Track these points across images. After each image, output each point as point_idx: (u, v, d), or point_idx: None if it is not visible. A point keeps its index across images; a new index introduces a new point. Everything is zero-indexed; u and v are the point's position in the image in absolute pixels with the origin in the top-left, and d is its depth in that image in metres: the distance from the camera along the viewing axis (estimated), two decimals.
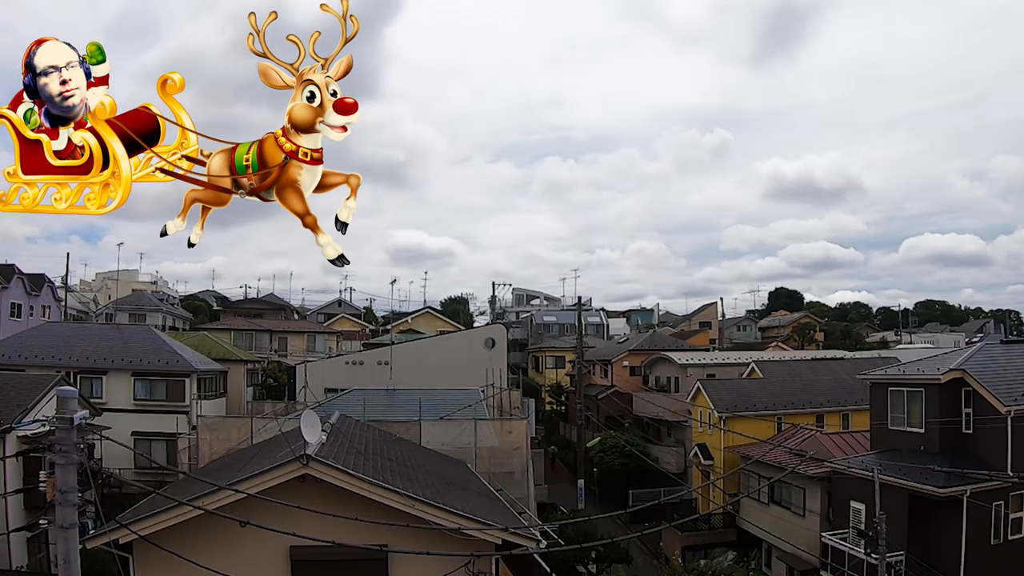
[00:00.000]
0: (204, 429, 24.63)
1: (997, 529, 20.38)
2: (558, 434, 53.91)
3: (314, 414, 14.41)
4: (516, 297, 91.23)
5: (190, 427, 29.89)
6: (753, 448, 29.71)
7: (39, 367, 30.24)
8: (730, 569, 25.61)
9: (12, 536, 20.19)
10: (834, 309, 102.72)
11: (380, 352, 40.70)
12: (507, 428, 24.92)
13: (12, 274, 44.98)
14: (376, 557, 12.32)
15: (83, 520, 9.33)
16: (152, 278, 77.75)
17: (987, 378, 21.62)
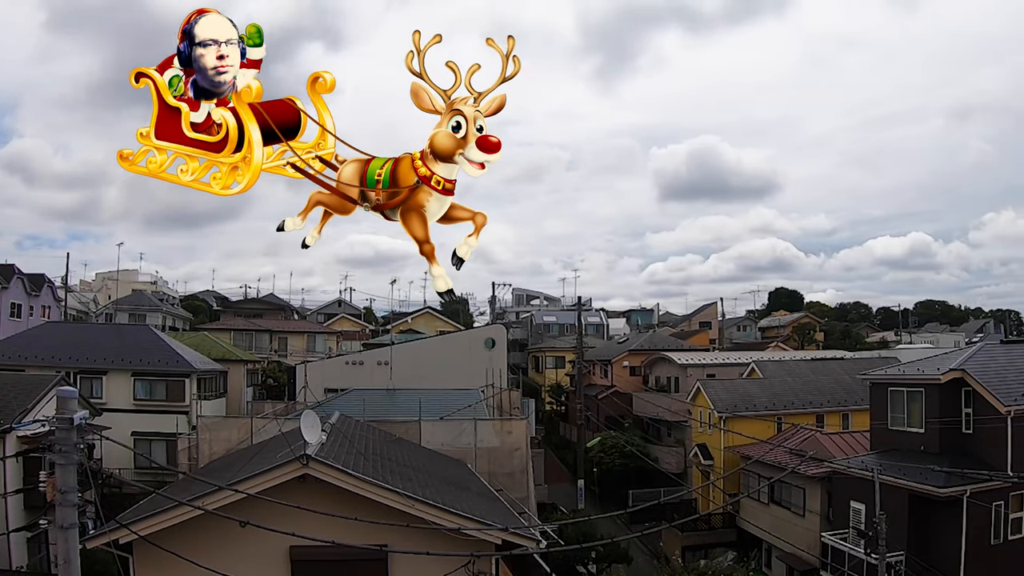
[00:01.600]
0: (204, 429, 24.61)
1: (997, 529, 20.39)
2: (558, 434, 53.92)
3: (314, 414, 14.41)
4: (516, 297, 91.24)
5: (190, 427, 29.87)
6: (753, 448, 29.70)
7: (39, 367, 30.24)
8: (730, 569, 25.61)
9: (12, 536, 20.19)
10: (834, 309, 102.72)
11: (380, 352, 40.67)
12: (507, 428, 24.91)
13: (12, 274, 44.96)
14: (376, 557, 12.32)
15: (83, 520, 9.33)
16: (152, 278, 77.76)
17: (987, 378, 21.63)
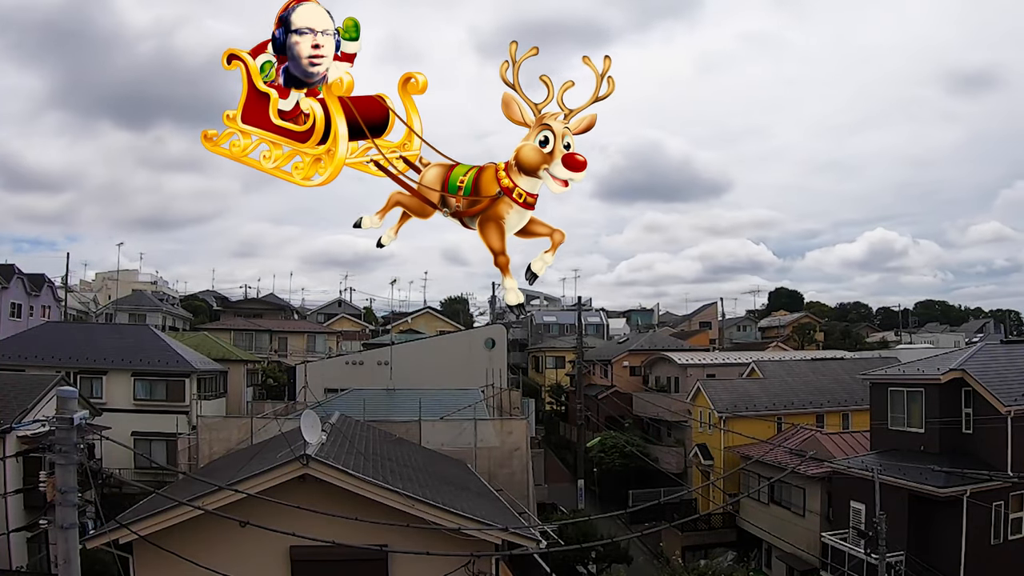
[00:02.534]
0: (204, 429, 24.62)
1: (997, 529, 20.39)
2: (558, 434, 53.92)
3: (314, 414, 14.42)
4: None
5: (190, 427, 29.87)
6: (753, 448, 29.71)
7: (39, 367, 30.22)
8: (730, 569, 25.60)
9: (12, 536, 20.18)
10: (834, 309, 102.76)
11: (380, 352, 40.69)
12: (507, 428, 24.92)
13: (12, 274, 44.93)
14: (376, 557, 12.33)
15: (83, 520, 9.35)
16: (152, 278, 77.76)
17: (987, 378, 21.63)
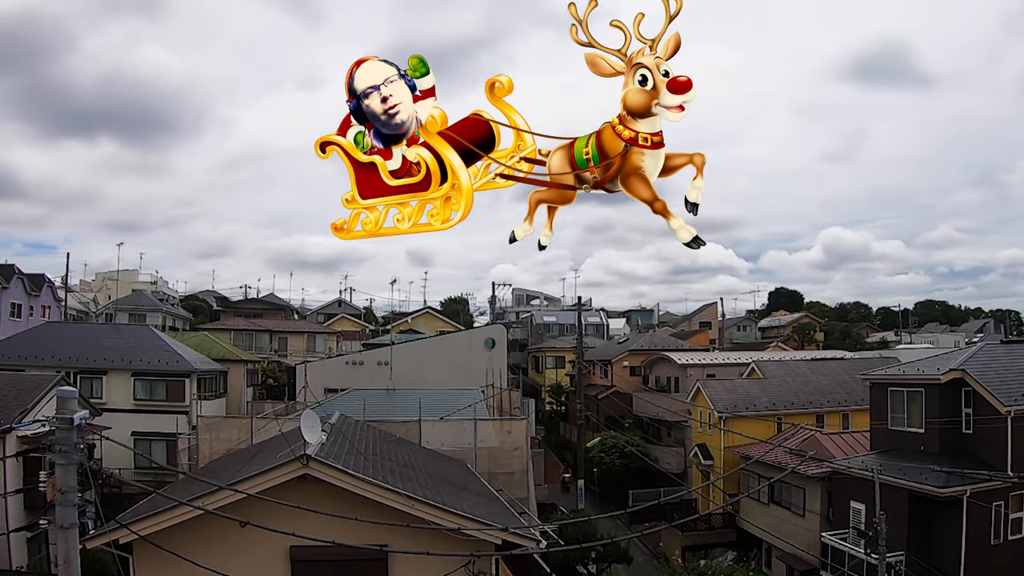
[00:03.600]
0: (204, 429, 24.61)
1: (997, 529, 20.38)
2: (558, 434, 53.91)
3: (314, 414, 14.41)
4: (516, 297, 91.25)
5: (190, 427, 29.88)
6: (753, 448, 29.70)
7: (39, 367, 30.22)
8: (730, 569, 25.57)
9: (12, 536, 20.18)
10: (834, 309, 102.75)
11: (380, 352, 40.69)
12: (507, 428, 24.91)
13: (12, 274, 44.92)
14: (376, 557, 12.32)
15: (83, 520, 9.34)
16: (152, 278, 77.75)
17: (987, 378, 21.62)
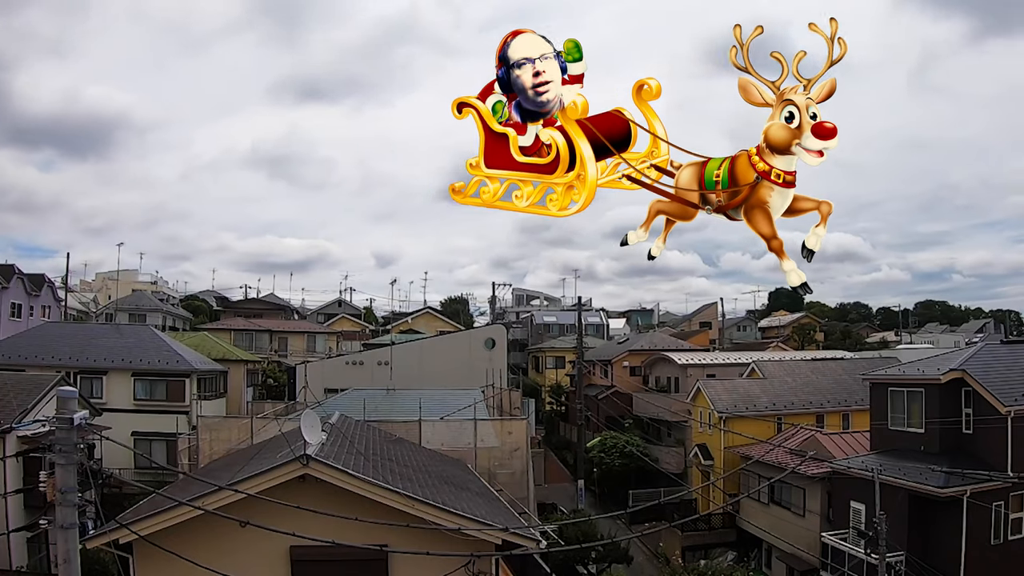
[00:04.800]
0: (204, 429, 24.60)
1: (997, 529, 20.38)
2: (558, 434, 53.90)
3: (314, 414, 14.42)
4: (516, 297, 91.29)
5: (190, 427, 29.86)
6: (753, 448, 29.70)
7: (39, 367, 30.24)
8: (730, 569, 25.56)
9: (12, 536, 20.17)
10: (834, 309, 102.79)
11: (380, 352, 40.71)
12: (507, 428, 24.91)
13: (12, 274, 44.92)
14: (376, 557, 12.32)
15: (83, 520, 9.34)
16: (152, 278, 77.75)
17: (987, 378, 21.62)
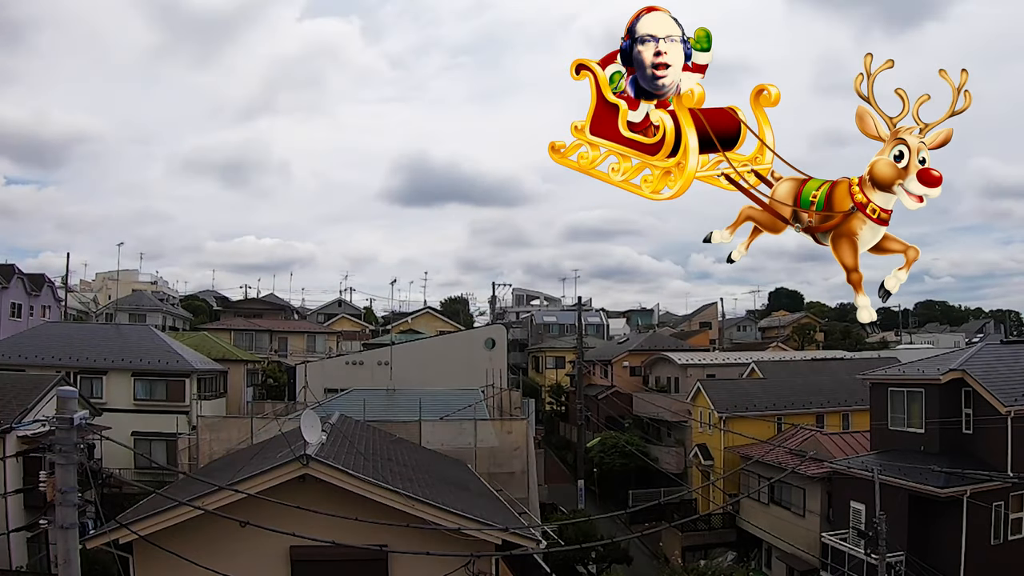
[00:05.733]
0: (204, 429, 24.61)
1: (997, 529, 20.38)
2: (558, 434, 53.91)
3: (314, 414, 14.41)
4: (516, 297, 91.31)
5: (190, 427, 29.87)
6: (753, 448, 29.70)
7: (39, 367, 30.22)
8: (730, 569, 25.57)
9: (12, 536, 20.16)
10: (834, 309, 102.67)
11: (380, 352, 40.65)
12: (507, 428, 24.92)
13: (12, 274, 44.93)
14: (376, 557, 12.33)
15: (83, 520, 9.35)
16: (152, 278, 77.74)
17: (987, 378, 21.62)
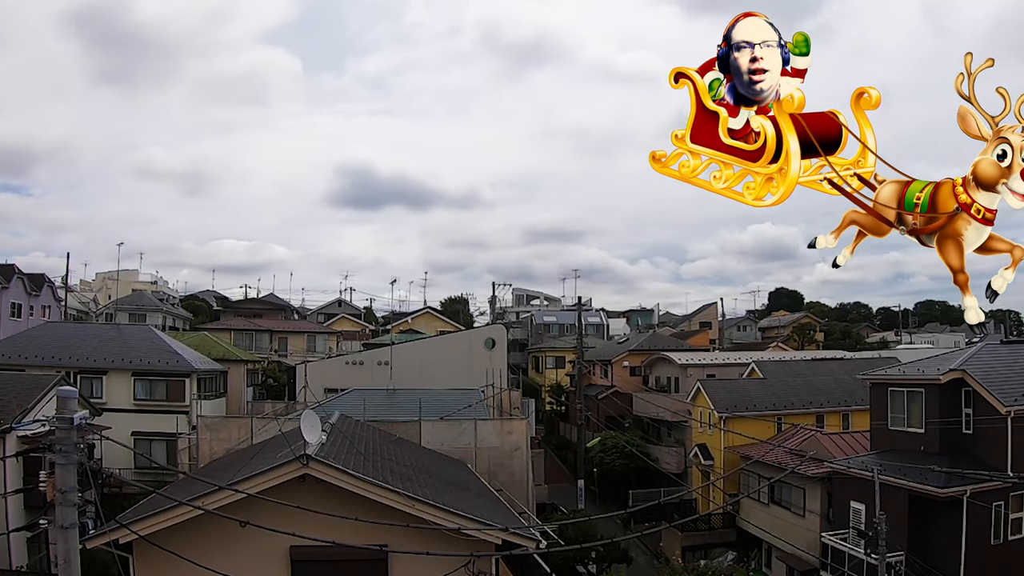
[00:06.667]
0: (204, 429, 24.62)
1: (997, 529, 20.38)
2: (558, 434, 53.91)
3: (314, 414, 14.41)
4: (516, 297, 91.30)
5: (190, 427, 29.88)
6: (753, 448, 29.70)
7: (39, 367, 30.22)
8: (730, 569, 25.56)
9: (12, 536, 20.16)
10: (834, 309, 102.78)
11: (380, 352, 40.68)
12: (507, 428, 24.93)
13: (12, 274, 44.91)
14: (376, 557, 12.33)
15: (83, 520, 9.34)
16: (152, 278, 77.71)
17: (987, 378, 21.62)
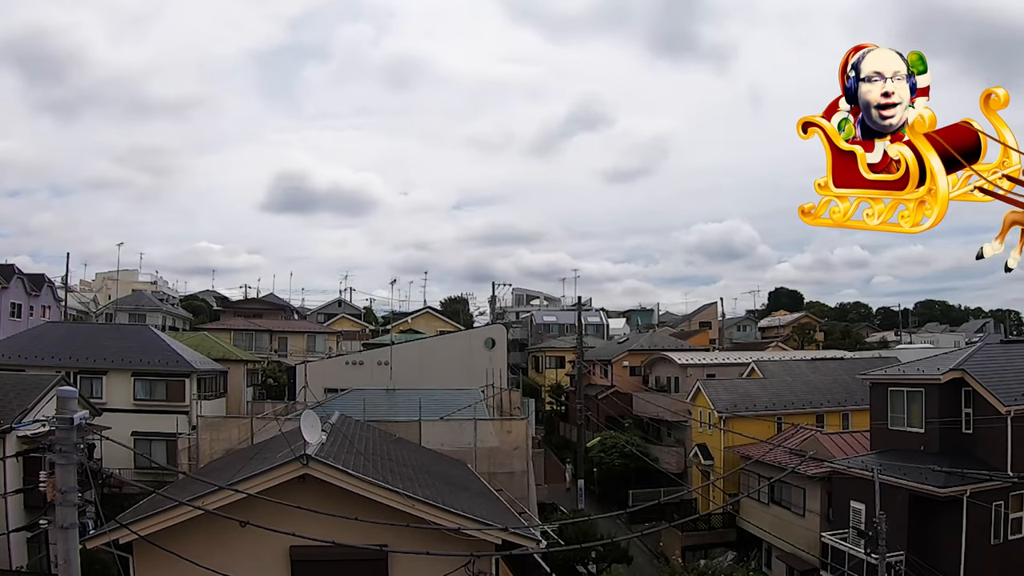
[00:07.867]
0: (204, 429, 24.63)
1: (997, 529, 20.39)
2: (558, 434, 53.90)
3: (314, 414, 14.40)
4: (516, 297, 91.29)
5: (190, 427, 29.88)
6: (753, 448, 29.70)
7: (39, 367, 30.21)
8: (730, 569, 25.56)
9: (12, 536, 20.16)
10: (834, 309, 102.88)
11: (380, 352, 40.71)
12: (507, 428, 24.94)
13: (12, 274, 44.95)
14: (376, 557, 12.32)
15: (83, 520, 9.34)
16: (152, 278, 77.72)
17: (987, 378, 21.62)
